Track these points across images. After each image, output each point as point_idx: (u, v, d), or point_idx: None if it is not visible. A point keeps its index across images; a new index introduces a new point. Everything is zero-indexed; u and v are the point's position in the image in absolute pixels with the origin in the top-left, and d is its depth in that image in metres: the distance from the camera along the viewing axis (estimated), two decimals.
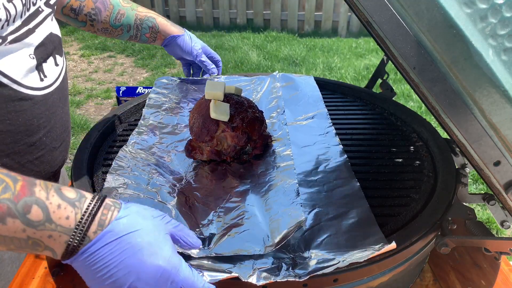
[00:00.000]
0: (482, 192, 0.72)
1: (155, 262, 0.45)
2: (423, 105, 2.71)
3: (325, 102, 1.00)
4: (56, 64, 0.78)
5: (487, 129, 0.51)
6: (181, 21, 4.91)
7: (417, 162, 0.81)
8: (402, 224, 0.65)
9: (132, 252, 0.45)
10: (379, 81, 1.08)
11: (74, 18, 0.96)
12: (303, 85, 1.06)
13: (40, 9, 0.73)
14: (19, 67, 0.68)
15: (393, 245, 0.56)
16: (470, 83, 0.48)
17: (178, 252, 0.49)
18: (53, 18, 0.80)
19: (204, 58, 1.06)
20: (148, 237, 0.46)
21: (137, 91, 1.46)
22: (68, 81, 3.82)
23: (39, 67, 0.73)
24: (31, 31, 0.70)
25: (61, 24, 0.86)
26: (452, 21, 0.46)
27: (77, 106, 3.11)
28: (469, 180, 0.73)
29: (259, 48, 4.17)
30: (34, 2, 0.71)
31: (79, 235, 0.44)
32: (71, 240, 0.44)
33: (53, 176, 0.86)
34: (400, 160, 0.82)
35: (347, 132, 0.91)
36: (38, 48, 0.72)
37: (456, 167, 0.76)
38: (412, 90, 1.95)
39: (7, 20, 0.63)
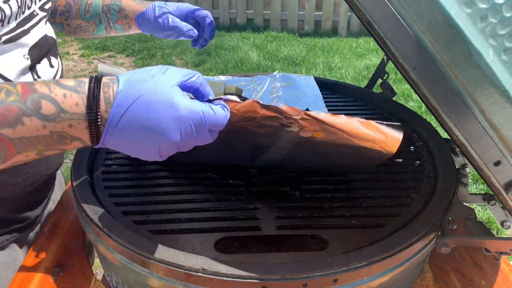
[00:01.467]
0: (482, 192, 0.72)
1: (170, 115, 0.45)
2: (423, 105, 2.71)
3: (325, 102, 1.00)
4: (51, 66, 0.78)
5: (487, 129, 0.51)
6: None
7: (417, 162, 0.81)
8: (402, 224, 0.65)
9: (146, 116, 0.45)
10: (379, 81, 1.08)
11: (52, 22, 0.93)
12: (303, 85, 1.06)
13: (34, 12, 0.73)
14: (13, 67, 0.68)
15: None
16: (470, 83, 0.48)
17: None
18: (47, 22, 0.80)
19: (174, 22, 0.85)
20: (154, 97, 0.45)
21: None
22: None
23: (33, 68, 0.73)
24: (26, 32, 0.70)
25: None
26: (452, 21, 0.46)
27: None
28: (469, 180, 0.73)
29: (259, 48, 4.17)
30: (29, 5, 0.71)
31: (93, 117, 0.44)
32: (89, 124, 0.45)
33: (49, 179, 0.86)
34: (400, 160, 0.82)
35: None
36: (32, 49, 0.72)
37: (456, 167, 0.76)
38: (412, 90, 1.94)
39: (1, 21, 0.63)
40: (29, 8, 0.71)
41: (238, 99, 0.54)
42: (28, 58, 0.70)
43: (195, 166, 0.79)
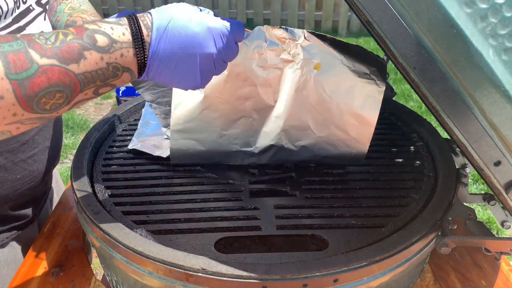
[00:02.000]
0: (483, 192, 0.72)
1: (203, 28, 0.52)
2: (423, 105, 2.71)
3: None
4: None
5: (488, 129, 0.51)
6: None
7: (417, 162, 0.81)
8: (402, 224, 0.65)
9: (183, 31, 0.51)
10: None
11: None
12: None
13: (31, 7, 0.72)
14: None
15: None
16: (470, 83, 0.48)
17: None
18: (46, 18, 0.79)
19: None
20: (186, 16, 0.52)
21: (136, 91, 1.46)
22: None
23: None
24: (21, 29, 0.69)
25: None
26: (452, 21, 0.46)
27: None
28: (469, 180, 0.73)
29: None
30: (25, 0, 0.70)
31: (139, 43, 0.49)
32: (136, 50, 0.49)
33: (46, 176, 0.87)
34: (400, 160, 0.82)
35: None
36: None
37: (456, 167, 0.76)
38: (412, 90, 1.95)
39: None
40: (24, 2, 0.69)
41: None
42: None
43: (195, 166, 0.79)
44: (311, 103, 0.73)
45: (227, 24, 0.55)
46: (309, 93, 0.72)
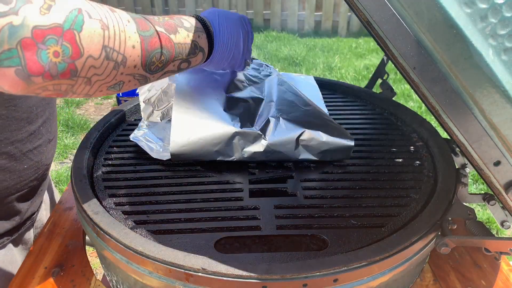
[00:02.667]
0: (482, 192, 0.72)
1: (237, 16, 0.75)
2: (423, 105, 2.71)
3: (325, 102, 1.00)
4: None
5: (487, 129, 0.51)
6: None
7: (417, 162, 0.81)
8: (402, 224, 0.65)
9: (228, 16, 0.72)
10: (379, 81, 1.08)
11: None
12: (303, 85, 1.06)
13: None
14: None
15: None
16: (470, 83, 0.48)
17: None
18: None
19: None
20: (224, 11, 0.73)
21: (137, 91, 1.46)
22: None
23: None
24: None
25: None
26: (452, 21, 0.46)
27: (77, 106, 3.11)
28: (469, 180, 0.73)
29: (259, 48, 4.17)
30: None
31: (207, 29, 0.66)
32: (206, 32, 0.66)
33: (46, 170, 0.88)
34: (400, 160, 0.82)
35: None
36: None
37: (456, 167, 0.76)
38: (412, 90, 1.95)
39: None
40: None
41: None
42: None
43: (196, 166, 0.79)
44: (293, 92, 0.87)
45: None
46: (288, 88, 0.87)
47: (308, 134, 0.78)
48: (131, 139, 0.84)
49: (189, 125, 0.76)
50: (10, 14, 0.41)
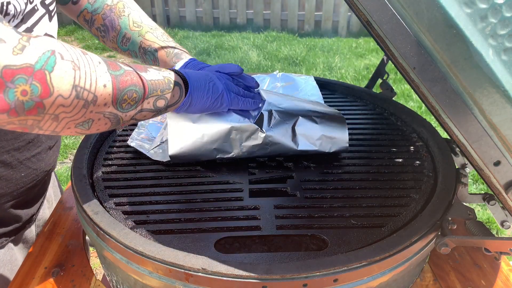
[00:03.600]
0: (482, 192, 0.72)
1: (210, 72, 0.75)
2: (423, 105, 2.71)
3: (325, 102, 1.00)
4: None
5: (487, 129, 0.51)
6: (181, 21, 4.91)
7: (417, 162, 0.81)
8: (402, 224, 0.65)
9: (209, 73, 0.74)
10: (379, 81, 1.08)
11: (89, 29, 0.93)
12: (303, 85, 1.06)
13: (35, 7, 0.72)
14: None
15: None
16: (470, 83, 0.48)
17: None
18: (51, 19, 0.80)
19: None
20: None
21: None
22: None
23: None
24: (29, 30, 0.70)
25: (61, 24, 0.87)
26: (452, 21, 0.46)
27: None
28: (469, 180, 0.73)
29: (259, 48, 4.17)
30: (32, 0, 0.71)
31: (177, 72, 0.68)
32: (177, 73, 0.67)
33: (46, 175, 0.87)
34: (400, 160, 0.82)
35: None
36: None
37: (456, 167, 0.76)
38: (412, 90, 1.95)
39: (14, 16, 0.63)
40: (31, 2, 0.70)
41: None
42: None
43: (196, 166, 0.79)
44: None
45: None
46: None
47: (303, 121, 0.79)
48: (129, 144, 0.84)
49: (185, 126, 0.76)
50: None
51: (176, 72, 0.67)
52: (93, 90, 0.51)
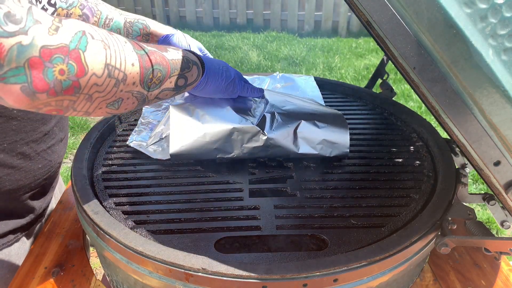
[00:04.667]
0: (482, 192, 0.72)
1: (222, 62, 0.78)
2: (423, 105, 2.71)
3: (325, 102, 1.00)
4: None
5: (487, 129, 0.51)
6: (181, 21, 4.91)
7: (417, 162, 0.81)
8: (402, 224, 0.65)
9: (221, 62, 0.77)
10: (379, 81, 1.08)
11: None
12: (303, 85, 1.06)
13: (44, 7, 0.73)
14: None
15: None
16: (470, 83, 0.48)
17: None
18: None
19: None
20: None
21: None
22: None
23: None
24: None
25: None
26: (452, 21, 0.46)
27: None
28: (469, 180, 0.73)
29: (259, 48, 4.17)
30: (41, 0, 0.71)
31: (200, 61, 0.70)
32: (195, 54, 0.70)
33: (58, 168, 0.90)
34: (400, 160, 0.82)
35: None
36: None
37: (456, 167, 0.76)
38: (412, 90, 1.95)
39: None
40: (40, 2, 0.71)
41: None
42: None
43: (196, 166, 0.79)
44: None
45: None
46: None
47: (305, 124, 0.79)
48: (129, 144, 0.84)
49: (187, 125, 0.76)
50: (20, 34, 0.42)
51: (192, 52, 0.69)
52: (123, 69, 0.53)
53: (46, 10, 0.74)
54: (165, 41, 0.96)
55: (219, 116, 0.77)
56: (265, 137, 0.77)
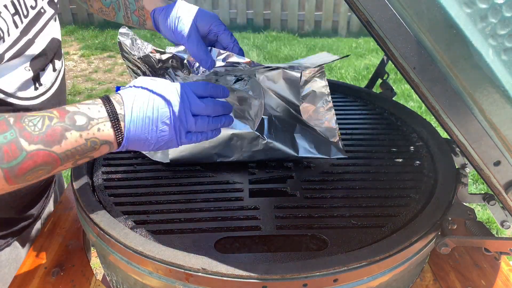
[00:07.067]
0: (482, 192, 0.72)
1: (167, 89, 0.59)
2: (423, 105, 2.71)
3: None
4: (54, 70, 0.76)
5: (487, 129, 0.51)
6: None
7: (417, 162, 0.81)
8: (402, 224, 0.65)
9: (150, 97, 0.57)
10: (379, 81, 1.08)
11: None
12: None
13: (42, 10, 0.70)
14: (15, 81, 0.66)
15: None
16: (470, 83, 0.48)
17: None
18: (57, 18, 0.77)
19: (194, 44, 0.71)
20: (148, 85, 0.58)
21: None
22: (68, 81, 3.77)
23: (36, 78, 0.71)
24: (30, 42, 0.67)
25: (61, 24, 0.85)
26: (452, 21, 0.46)
27: None
28: (469, 180, 0.73)
29: (259, 48, 4.17)
30: (34, 5, 0.67)
31: (115, 115, 0.55)
32: (113, 121, 0.54)
33: (49, 179, 0.87)
34: (400, 160, 0.82)
35: (347, 132, 0.91)
36: (36, 59, 0.69)
37: (456, 167, 0.76)
38: (412, 90, 1.95)
39: (1, 38, 0.60)
40: (33, 7, 0.67)
41: None
42: (29, 70, 0.68)
43: (195, 166, 0.79)
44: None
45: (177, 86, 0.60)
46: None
47: (301, 128, 0.79)
48: None
49: None
50: None
51: (113, 118, 0.55)
52: None
53: (44, 13, 0.70)
54: (155, 19, 0.77)
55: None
56: (265, 141, 0.77)
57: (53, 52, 0.74)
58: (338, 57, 0.76)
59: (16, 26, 0.63)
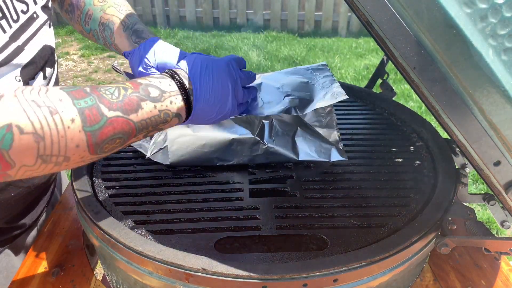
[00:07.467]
0: (482, 192, 0.72)
1: (223, 61, 0.63)
2: (423, 105, 2.71)
3: None
4: (44, 78, 0.74)
5: (487, 129, 0.51)
6: (181, 21, 4.91)
7: (417, 162, 0.81)
8: (402, 224, 0.65)
9: (213, 70, 0.61)
10: (379, 81, 1.08)
11: (65, 17, 0.85)
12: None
13: (35, 15, 0.68)
14: (3, 90, 0.65)
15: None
16: (470, 83, 0.48)
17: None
18: (51, 24, 0.75)
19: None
20: (209, 59, 0.62)
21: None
22: (68, 81, 3.75)
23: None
24: (19, 49, 0.64)
25: (61, 23, 0.84)
26: (452, 21, 0.46)
27: None
28: (469, 180, 0.73)
29: (259, 48, 4.17)
30: (25, 9, 0.65)
31: (184, 89, 0.57)
32: (183, 95, 0.57)
33: (48, 181, 0.86)
34: (400, 160, 0.82)
35: (347, 132, 0.91)
36: (26, 67, 0.66)
37: (456, 167, 0.76)
38: (412, 90, 1.95)
39: None
40: (24, 12, 0.64)
41: None
42: (20, 80, 0.65)
43: (196, 166, 0.79)
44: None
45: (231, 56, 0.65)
46: None
47: (301, 132, 0.79)
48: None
49: (187, 135, 0.77)
50: None
51: (184, 92, 0.57)
52: (63, 153, 0.47)
53: (36, 18, 0.68)
54: (127, 56, 0.75)
55: (218, 126, 0.77)
56: (265, 146, 0.77)
57: (43, 60, 0.71)
58: (341, 98, 0.77)
59: (4, 31, 0.60)
